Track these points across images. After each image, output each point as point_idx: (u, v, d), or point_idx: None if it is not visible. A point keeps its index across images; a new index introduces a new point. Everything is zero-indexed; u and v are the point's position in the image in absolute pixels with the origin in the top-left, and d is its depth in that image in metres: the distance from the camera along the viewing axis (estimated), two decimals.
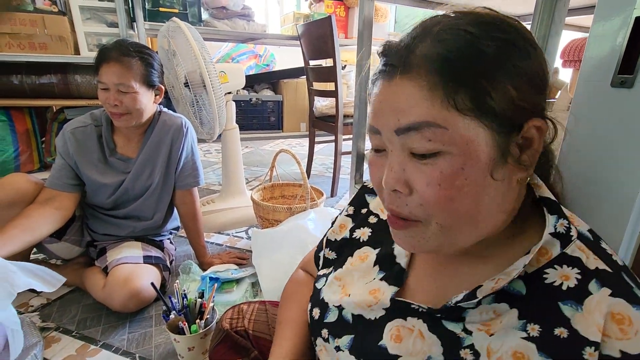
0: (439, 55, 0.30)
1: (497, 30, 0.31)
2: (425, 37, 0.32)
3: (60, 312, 1.05)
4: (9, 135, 1.72)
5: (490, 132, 0.31)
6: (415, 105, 0.31)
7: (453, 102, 0.30)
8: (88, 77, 1.79)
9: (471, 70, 0.30)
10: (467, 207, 0.32)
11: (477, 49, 0.30)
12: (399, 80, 0.32)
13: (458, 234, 0.34)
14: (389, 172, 0.34)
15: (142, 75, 1.00)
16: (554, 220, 0.35)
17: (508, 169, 0.33)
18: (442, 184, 0.31)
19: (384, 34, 2.54)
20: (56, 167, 1.05)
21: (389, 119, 0.33)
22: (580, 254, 0.33)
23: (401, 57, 0.33)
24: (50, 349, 0.91)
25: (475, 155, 0.31)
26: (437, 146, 0.31)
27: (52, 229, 0.99)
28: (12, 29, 1.58)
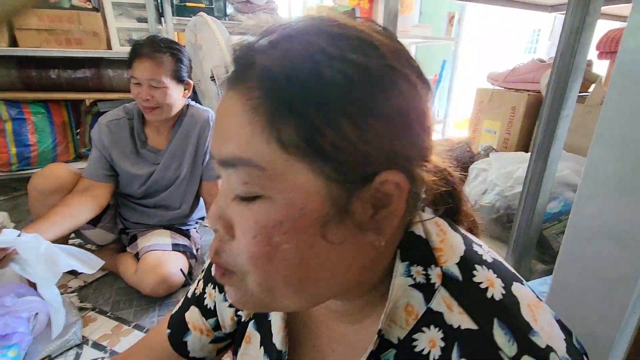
0: (273, 71, 0.24)
1: (353, 51, 0.24)
2: (270, 44, 0.25)
3: (96, 294, 1.11)
4: (47, 127, 1.81)
5: (323, 180, 0.24)
6: (236, 130, 0.25)
7: (276, 132, 0.24)
8: (119, 71, 1.86)
9: (306, 97, 0.23)
10: (289, 271, 0.26)
11: (319, 72, 0.23)
12: (232, 92, 0.26)
13: (284, 298, 0.28)
14: (214, 206, 0.28)
15: (172, 71, 1.03)
16: (403, 269, 0.28)
17: (349, 231, 0.26)
18: (257, 237, 0.25)
19: (408, 25, 2.49)
20: (92, 158, 1.11)
21: (215, 142, 0.27)
22: (443, 308, 0.27)
23: (240, 61, 0.26)
24: (88, 328, 0.98)
25: (299, 208, 0.24)
26: (255, 190, 0.25)
27: (89, 216, 1.05)
28: (49, 26, 1.66)
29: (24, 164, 1.79)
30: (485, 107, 1.43)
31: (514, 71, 1.43)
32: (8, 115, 1.70)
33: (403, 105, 0.25)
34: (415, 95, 0.26)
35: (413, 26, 2.61)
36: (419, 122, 0.26)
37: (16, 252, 0.77)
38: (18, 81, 1.73)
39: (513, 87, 1.42)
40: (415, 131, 0.26)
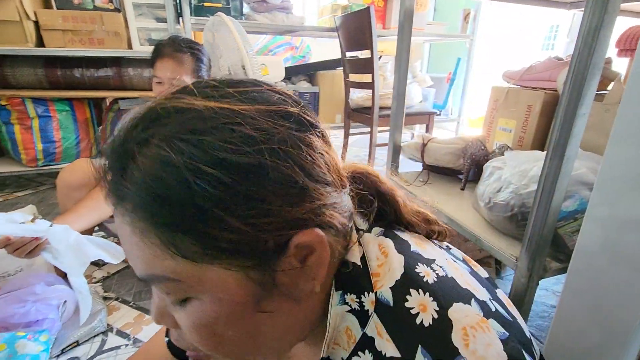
0: (146, 198, 0.23)
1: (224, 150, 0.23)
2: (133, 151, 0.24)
3: (119, 285, 1.16)
4: (71, 124, 1.88)
5: (238, 271, 0.25)
6: (138, 253, 0.25)
7: (175, 248, 0.24)
8: (139, 70, 1.91)
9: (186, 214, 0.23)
10: (241, 346, 0.28)
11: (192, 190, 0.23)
12: (118, 211, 0.25)
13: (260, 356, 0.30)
14: (153, 307, 0.29)
15: (192, 70, 1.07)
16: (338, 299, 0.29)
17: (282, 295, 0.27)
18: (200, 333, 0.27)
19: (423, 23, 2.48)
20: None
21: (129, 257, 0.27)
22: (375, 334, 0.28)
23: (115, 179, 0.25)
24: (112, 316, 1.02)
25: (227, 300, 0.25)
26: (180, 295, 0.26)
27: None
28: (74, 26, 1.72)
29: (49, 160, 1.86)
30: (500, 106, 1.42)
31: (530, 69, 1.41)
32: (35, 113, 1.77)
33: (285, 178, 0.25)
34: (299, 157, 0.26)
35: (427, 24, 2.59)
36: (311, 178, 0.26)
37: (48, 241, 0.81)
38: (44, 80, 1.80)
39: (529, 85, 1.40)
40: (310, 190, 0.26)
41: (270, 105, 0.27)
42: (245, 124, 0.24)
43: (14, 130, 1.77)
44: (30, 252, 0.79)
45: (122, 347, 0.91)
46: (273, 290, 0.26)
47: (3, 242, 0.77)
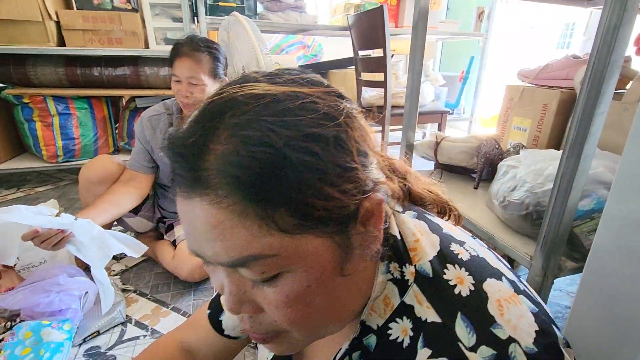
0: (244, 174, 0.24)
1: (310, 125, 0.25)
2: (217, 138, 0.25)
3: (137, 278, 1.19)
4: (89, 121, 1.93)
5: (327, 237, 0.27)
6: (232, 237, 0.25)
7: (275, 225, 0.25)
8: (155, 69, 1.95)
9: (285, 186, 0.24)
10: (324, 313, 0.29)
11: (290, 162, 0.24)
12: (200, 201, 0.25)
13: (325, 330, 0.32)
14: (230, 297, 0.29)
15: (210, 69, 1.09)
16: (384, 268, 0.32)
17: (357, 257, 0.29)
18: (292, 306, 0.27)
19: (436, 22, 2.47)
20: (135, 150, 1.19)
21: (205, 250, 0.27)
22: (414, 302, 0.30)
23: (193, 167, 0.25)
24: (130, 308, 1.05)
25: (318, 267, 0.27)
26: (274, 271, 0.26)
27: (132, 204, 1.13)
28: (94, 26, 1.77)
29: (69, 156, 1.92)
30: (515, 104, 1.41)
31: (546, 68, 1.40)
32: (56, 110, 1.82)
33: (358, 147, 0.28)
34: (358, 127, 0.29)
35: (441, 22, 2.58)
36: (368, 146, 0.29)
37: (72, 234, 0.84)
38: (65, 78, 1.86)
39: (545, 84, 1.39)
40: (370, 156, 0.29)
41: (325, 87, 0.29)
42: (319, 103, 0.27)
43: (35, 127, 1.83)
44: (56, 244, 0.82)
45: (140, 338, 0.94)
46: (351, 253, 0.29)
47: (31, 234, 0.80)
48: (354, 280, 0.31)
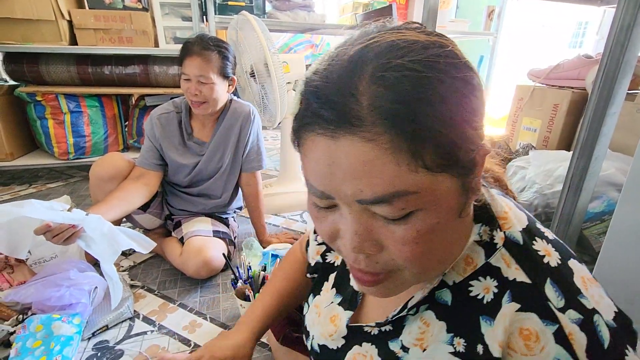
0: (396, 111, 0.25)
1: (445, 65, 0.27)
2: (369, 79, 0.26)
3: (145, 274, 1.21)
4: (100, 119, 1.96)
5: (457, 179, 0.28)
6: (380, 174, 0.26)
7: (422, 162, 0.26)
8: (165, 68, 1.97)
9: (434, 121, 0.26)
10: (439, 252, 0.31)
11: (436, 94, 0.26)
12: (349, 139, 0.26)
13: (432, 271, 0.34)
14: (355, 237, 0.30)
15: (219, 68, 1.10)
16: (477, 229, 0.34)
17: (470, 202, 0.32)
18: (419, 242, 0.29)
19: (445, 21, 2.45)
20: (145, 148, 1.20)
21: (346, 188, 0.28)
22: (501, 264, 0.32)
23: (345, 106, 0.26)
24: (138, 303, 1.07)
25: (447, 206, 0.29)
26: (411, 209, 0.28)
27: (142, 201, 1.14)
28: (105, 25, 1.79)
29: (80, 154, 1.95)
30: (525, 105, 1.39)
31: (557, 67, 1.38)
32: (67, 108, 1.85)
33: (483, 99, 0.30)
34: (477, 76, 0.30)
35: (450, 21, 2.55)
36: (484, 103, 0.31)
37: (83, 230, 0.86)
38: (76, 77, 1.89)
39: (556, 84, 1.37)
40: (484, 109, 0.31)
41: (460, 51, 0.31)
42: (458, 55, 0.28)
43: (47, 124, 1.86)
44: (67, 239, 0.84)
45: (148, 333, 0.95)
46: (469, 195, 0.31)
47: (44, 229, 0.81)
48: (462, 226, 0.33)
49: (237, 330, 0.57)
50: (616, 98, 0.63)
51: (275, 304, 0.60)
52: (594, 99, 0.63)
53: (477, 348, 0.31)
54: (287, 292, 0.61)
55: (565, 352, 0.27)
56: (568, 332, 0.28)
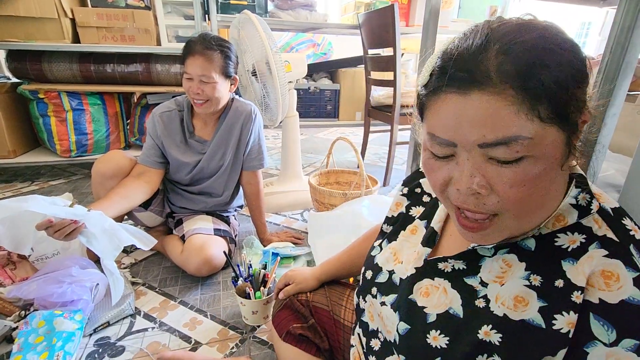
0: (518, 71, 0.32)
1: (555, 42, 0.33)
2: (497, 50, 0.33)
3: (146, 271, 1.22)
4: (102, 117, 1.97)
5: (562, 132, 0.34)
6: (501, 120, 0.33)
7: (537, 112, 0.32)
8: (167, 66, 1.97)
9: (549, 81, 0.32)
10: (541, 198, 0.36)
11: (550, 61, 0.32)
12: (479, 94, 0.33)
13: (530, 220, 0.39)
14: (470, 178, 0.36)
15: (221, 67, 1.10)
16: (576, 192, 0.39)
17: (570, 159, 0.37)
18: (526, 185, 0.34)
19: (447, 21, 2.45)
20: (147, 146, 1.21)
21: (470, 134, 0.34)
22: (593, 225, 0.37)
23: (476, 70, 0.33)
24: (139, 300, 1.08)
25: (554, 155, 0.34)
26: (523, 153, 0.33)
27: (143, 198, 1.15)
28: (108, 23, 1.80)
29: (82, 151, 1.96)
30: None
31: None
32: (70, 106, 1.86)
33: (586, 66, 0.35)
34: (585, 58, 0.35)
35: (452, 21, 2.55)
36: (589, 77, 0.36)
37: (85, 226, 0.86)
38: (79, 75, 1.89)
39: None
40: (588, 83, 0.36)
41: None
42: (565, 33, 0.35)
43: (50, 122, 1.87)
44: (68, 234, 0.84)
45: (149, 330, 0.96)
46: (571, 151, 0.36)
47: (45, 224, 0.82)
48: (561, 181, 0.38)
49: (310, 270, 0.79)
50: (616, 99, 0.63)
51: (345, 260, 0.77)
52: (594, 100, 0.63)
53: (555, 283, 0.36)
54: (359, 254, 0.72)
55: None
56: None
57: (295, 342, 0.70)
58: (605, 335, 0.33)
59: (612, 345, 0.32)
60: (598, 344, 0.33)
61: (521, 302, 0.38)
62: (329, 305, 0.73)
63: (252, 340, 0.94)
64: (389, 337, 0.50)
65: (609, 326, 0.33)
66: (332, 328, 0.71)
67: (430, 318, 0.44)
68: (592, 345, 0.33)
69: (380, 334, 0.53)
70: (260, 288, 0.97)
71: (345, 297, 0.74)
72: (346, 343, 0.69)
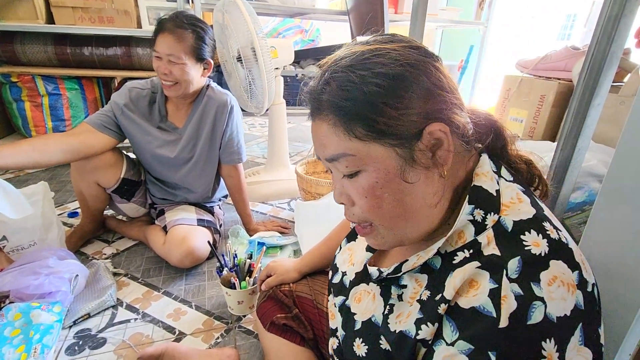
0: (335, 100, 0.38)
1: (379, 67, 0.37)
2: (327, 84, 0.39)
3: (128, 261, 1.19)
4: (80, 102, 1.89)
5: (390, 147, 0.38)
6: (329, 140, 0.40)
7: (352, 133, 0.38)
8: (148, 50, 1.90)
9: (360, 107, 0.37)
10: (394, 209, 0.40)
11: (362, 90, 0.37)
12: (317, 120, 0.41)
13: (401, 230, 0.42)
14: (335, 189, 0.43)
15: (192, 48, 1.04)
16: (469, 209, 0.39)
17: (420, 171, 0.39)
18: (367, 196, 0.39)
19: (436, 9, 2.42)
20: (101, 110, 1.14)
21: (318, 150, 0.42)
22: (484, 240, 0.38)
23: (314, 102, 0.41)
24: (121, 291, 1.05)
25: (383, 169, 0.38)
26: (354, 168, 0.39)
27: (63, 158, 1.01)
28: (84, 4, 1.71)
29: None
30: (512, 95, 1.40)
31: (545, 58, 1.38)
32: (45, 90, 1.78)
33: (421, 82, 0.37)
34: (427, 71, 0.38)
35: (441, 9, 2.53)
36: (437, 87, 0.38)
37: None
38: (54, 57, 1.81)
39: (543, 75, 1.38)
40: (437, 94, 0.38)
41: (404, 42, 0.40)
42: (391, 53, 0.38)
43: (24, 107, 1.78)
44: None
45: (131, 321, 0.94)
46: (413, 164, 0.38)
47: None
48: (421, 192, 0.39)
49: (293, 261, 0.80)
50: (601, 90, 0.63)
51: (325, 251, 0.78)
52: (579, 90, 0.63)
53: (437, 296, 0.38)
54: (338, 244, 0.74)
55: (491, 306, 0.33)
56: (504, 294, 0.33)
57: (280, 332, 0.70)
58: (450, 335, 0.35)
59: (451, 345, 0.35)
60: (442, 343, 0.36)
61: (408, 315, 0.41)
62: (312, 294, 0.73)
63: (238, 330, 0.93)
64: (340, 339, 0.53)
65: (454, 327, 0.35)
66: (315, 317, 0.71)
67: (357, 325, 0.47)
68: (438, 344, 0.36)
69: (338, 333, 0.54)
70: (245, 278, 0.96)
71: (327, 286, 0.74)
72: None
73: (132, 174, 1.22)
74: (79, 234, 1.24)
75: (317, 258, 0.78)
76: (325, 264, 0.78)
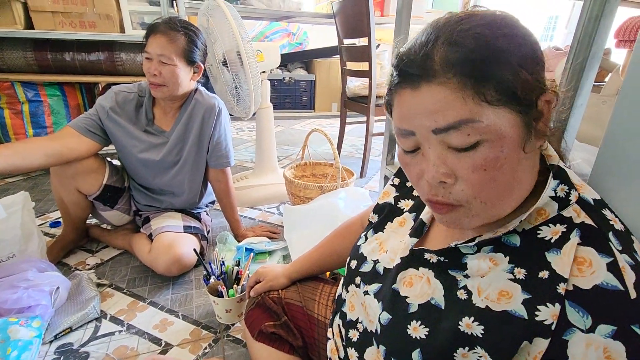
0: (461, 59, 0.34)
1: (501, 27, 0.35)
2: (442, 42, 0.35)
3: (113, 271, 1.16)
4: (62, 109, 1.85)
5: (516, 114, 0.35)
6: (449, 107, 0.35)
7: (483, 96, 0.34)
8: (132, 55, 1.87)
9: (492, 65, 0.34)
10: (507, 182, 0.37)
11: (493, 46, 0.34)
12: (427, 87, 0.36)
13: (499, 206, 0.39)
14: (433, 168, 0.37)
15: (183, 50, 1.04)
16: (555, 184, 0.39)
17: (534, 141, 0.37)
18: (487, 169, 0.36)
19: (421, 11, 2.45)
20: (87, 113, 1.12)
21: (423, 121, 0.36)
22: (573, 214, 0.38)
23: (422, 66, 0.36)
24: (106, 303, 1.02)
25: (509, 137, 0.35)
26: (476, 138, 0.35)
27: (46, 162, 0.99)
28: (65, 8, 1.67)
29: None
30: None
31: None
32: (25, 97, 1.73)
33: (537, 48, 0.37)
34: (535, 41, 0.37)
35: (426, 12, 2.56)
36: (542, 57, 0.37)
37: None
38: (34, 63, 1.76)
39: None
40: (543, 64, 0.37)
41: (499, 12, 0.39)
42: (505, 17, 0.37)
43: (3, 114, 1.73)
44: None
45: (115, 334, 0.91)
46: (531, 132, 0.36)
47: None
48: (530, 165, 0.38)
49: (282, 267, 0.78)
50: (583, 90, 0.63)
51: (317, 258, 0.76)
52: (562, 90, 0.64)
53: (539, 274, 0.36)
54: (331, 251, 0.75)
55: (615, 279, 0.32)
56: (622, 265, 0.33)
57: (268, 341, 0.68)
58: (582, 321, 0.33)
59: (589, 331, 0.32)
60: (576, 331, 0.33)
61: (505, 295, 0.38)
62: (301, 301, 0.72)
63: (226, 339, 0.91)
64: (370, 327, 0.50)
65: (584, 312, 0.33)
66: (306, 324, 0.70)
67: (412, 308, 0.45)
68: (570, 333, 0.33)
69: (359, 325, 0.53)
70: (233, 285, 0.94)
71: (318, 292, 0.72)
72: (321, 338, 0.67)
73: (115, 181, 1.19)
74: (61, 244, 1.21)
75: (307, 264, 0.77)
76: (317, 271, 0.77)
